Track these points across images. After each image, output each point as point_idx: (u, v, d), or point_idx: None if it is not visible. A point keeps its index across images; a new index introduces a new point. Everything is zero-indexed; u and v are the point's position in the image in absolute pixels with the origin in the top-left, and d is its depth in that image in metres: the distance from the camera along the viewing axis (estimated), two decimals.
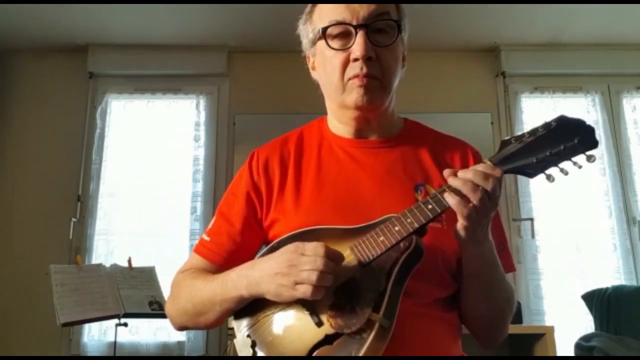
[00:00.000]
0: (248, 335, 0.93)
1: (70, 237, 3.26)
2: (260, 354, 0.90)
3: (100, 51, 3.52)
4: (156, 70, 3.55)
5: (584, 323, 3.07)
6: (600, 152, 3.41)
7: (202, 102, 3.57)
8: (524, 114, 3.52)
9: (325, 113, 1.15)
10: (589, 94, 3.57)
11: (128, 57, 3.52)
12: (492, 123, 3.49)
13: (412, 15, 1.09)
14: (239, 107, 3.56)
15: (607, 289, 2.85)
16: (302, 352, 0.85)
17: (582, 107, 3.56)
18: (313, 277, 0.81)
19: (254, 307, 0.94)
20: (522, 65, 3.56)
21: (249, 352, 0.92)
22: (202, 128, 3.51)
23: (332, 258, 0.84)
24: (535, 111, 3.55)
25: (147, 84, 3.56)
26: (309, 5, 1.08)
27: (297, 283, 0.83)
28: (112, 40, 3.48)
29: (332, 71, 1.01)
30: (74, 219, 3.29)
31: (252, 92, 3.58)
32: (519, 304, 2.82)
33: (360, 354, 0.81)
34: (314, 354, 0.84)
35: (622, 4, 3.08)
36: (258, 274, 0.90)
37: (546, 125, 0.87)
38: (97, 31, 3.39)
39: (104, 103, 3.52)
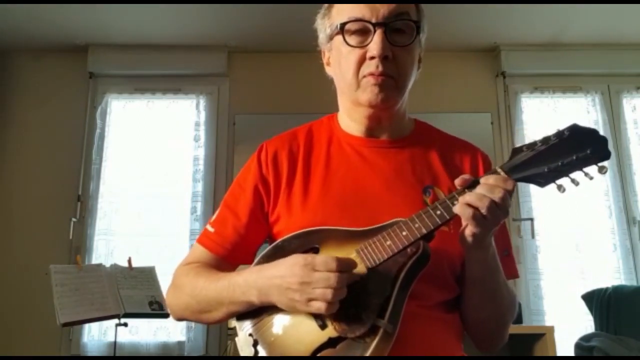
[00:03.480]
0: (250, 334, 0.92)
1: (70, 237, 3.26)
2: (261, 353, 0.89)
3: (100, 51, 3.51)
4: (156, 70, 3.55)
5: (584, 323, 3.07)
6: None
7: (202, 102, 3.56)
8: (524, 114, 3.51)
9: (328, 112, 1.15)
10: (589, 94, 3.57)
11: (128, 57, 3.51)
12: (492, 123, 3.48)
13: None
14: (239, 107, 3.55)
15: (607, 289, 2.85)
16: (305, 355, 0.85)
17: (582, 107, 3.56)
18: (328, 295, 0.81)
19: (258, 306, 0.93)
20: (522, 65, 3.55)
21: (250, 351, 0.91)
22: (202, 128, 3.51)
23: (344, 269, 0.83)
24: (535, 111, 3.55)
25: (147, 84, 3.55)
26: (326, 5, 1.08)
27: (310, 300, 0.82)
28: (112, 40, 3.47)
29: (347, 67, 1.00)
30: (74, 219, 3.29)
31: (252, 92, 3.57)
32: (519, 304, 2.82)
33: None
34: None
35: (622, 4, 3.08)
36: (267, 282, 0.88)
37: (559, 134, 0.86)
38: (97, 31, 3.38)
39: (104, 103, 3.52)
